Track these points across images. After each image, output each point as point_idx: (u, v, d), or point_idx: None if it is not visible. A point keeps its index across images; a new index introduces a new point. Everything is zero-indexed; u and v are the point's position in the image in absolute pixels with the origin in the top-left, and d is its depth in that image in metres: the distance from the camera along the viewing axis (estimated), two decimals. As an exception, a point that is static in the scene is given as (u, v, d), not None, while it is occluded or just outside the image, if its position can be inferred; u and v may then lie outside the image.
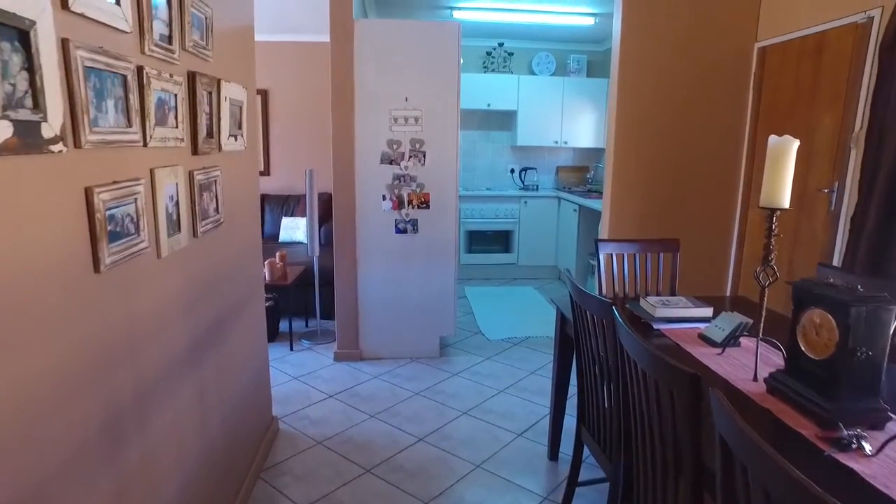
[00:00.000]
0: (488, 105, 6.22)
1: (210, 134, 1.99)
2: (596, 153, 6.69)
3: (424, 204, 3.78)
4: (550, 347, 4.22)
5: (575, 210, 5.61)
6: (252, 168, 2.63)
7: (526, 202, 6.18)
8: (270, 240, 6.20)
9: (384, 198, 3.75)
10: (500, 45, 6.33)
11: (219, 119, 2.07)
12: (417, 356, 4.01)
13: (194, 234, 1.85)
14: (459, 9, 5.12)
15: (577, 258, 5.64)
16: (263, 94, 6.36)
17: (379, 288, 3.88)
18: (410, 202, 3.77)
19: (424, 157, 3.72)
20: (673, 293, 2.84)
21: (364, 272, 3.84)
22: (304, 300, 4.65)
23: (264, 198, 6.33)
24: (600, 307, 1.81)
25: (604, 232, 3.71)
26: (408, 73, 3.62)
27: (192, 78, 1.77)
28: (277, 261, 4.35)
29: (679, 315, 2.22)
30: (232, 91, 2.19)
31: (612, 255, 2.81)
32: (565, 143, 6.36)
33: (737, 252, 3.80)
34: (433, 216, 3.80)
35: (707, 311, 2.23)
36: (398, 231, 3.81)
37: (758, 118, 3.64)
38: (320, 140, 5.54)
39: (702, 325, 2.18)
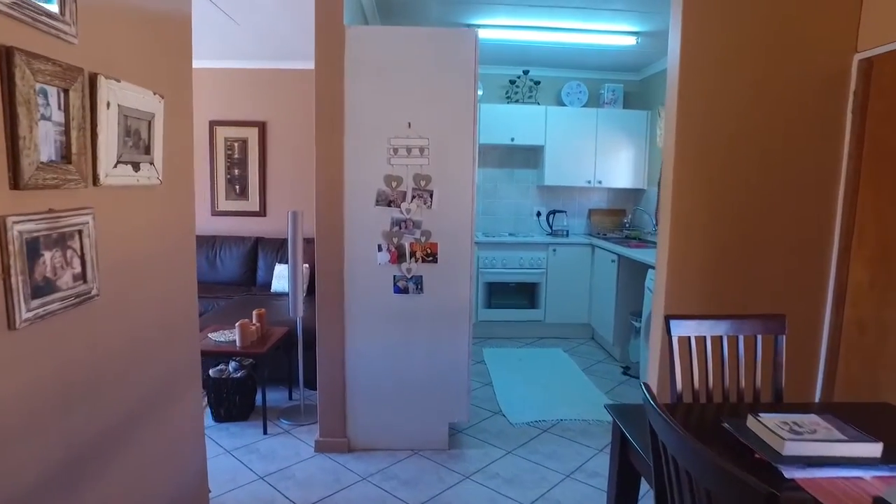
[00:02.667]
0: (512, 139, 5.50)
1: (66, 157, 1.24)
2: (634, 195, 5.88)
3: (431, 257, 3.00)
4: (587, 437, 3.34)
5: (613, 260, 4.77)
6: (178, 211, 1.88)
7: (555, 250, 5.36)
8: (262, 289, 5.48)
9: (380, 248, 2.98)
10: (526, 72, 5.64)
11: (93, 135, 1.32)
12: (421, 447, 3.15)
13: (9, 325, 1.08)
14: (479, 27, 4.44)
15: (616, 316, 4.77)
16: (261, 126, 5.75)
17: (372, 361, 3.07)
18: (413, 254, 2.99)
19: (431, 197, 2.96)
20: (779, 398, 1.97)
21: (354, 341, 3.04)
22: (289, 363, 3.85)
23: (258, 241, 5.62)
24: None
25: (659, 299, 2.86)
26: (412, 92, 2.90)
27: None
28: (254, 321, 3.58)
29: (826, 454, 1.37)
30: (128, 96, 1.45)
31: (689, 338, 1.96)
32: (599, 182, 5.58)
33: (832, 326, 2.89)
34: (442, 272, 3.01)
35: (872, 449, 1.37)
36: (398, 290, 3.01)
37: (861, 147, 2.81)
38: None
39: (866, 474, 1.32)
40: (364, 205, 2.95)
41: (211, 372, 3.48)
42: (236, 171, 5.86)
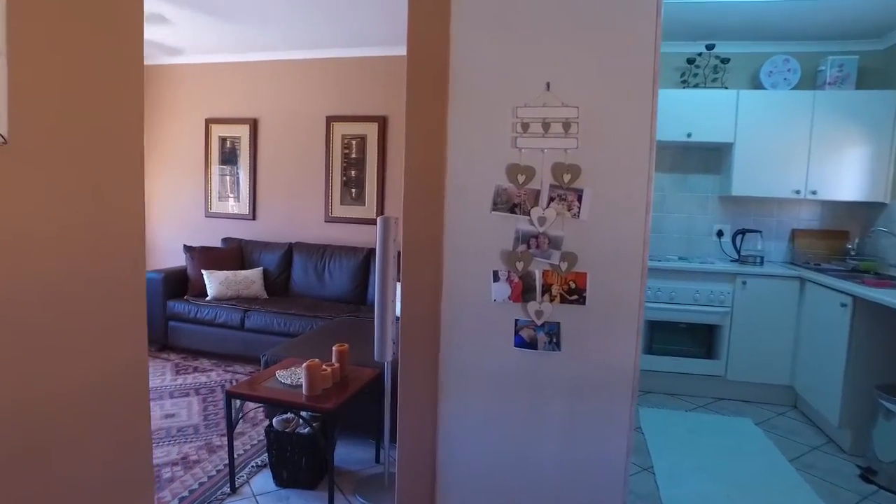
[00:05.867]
0: (688, 136, 4.19)
1: None
2: (866, 211, 4.24)
3: (575, 294, 1.90)
4: None
5: (844, 304, 3.28)
6: (55, 188, 1.01)
7: (744, 282, 3.94)
8: (373, 309, 4.70)
9: (496, 277, 1.95)
10: (709, 48, 4.30)
11: None
12: (545, 584, 2.05)
13: None
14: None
15: (847, 386, 3.26)
16: (382, 121, 5.02)
17: (477, 446, 2.03)
18: (548, 288, 1.92)
19: (579, 200, 1.87)
20: None
21: (451, 414, 2.04)
22: (379, 413, 2.95)
23: (371, 254, 4.87)
24: None
25: None
26: (551, 38, 1.85)
27: None
28: (334, 360, 2.73)
29: None
30: None
31: None
32: (813, 193, 4.05)
33: None
34: (592, 319, 1.90)
35: None
36: (521, 343, 1.96)
37: None
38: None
39: None
40: (474, 209, 1.94)
41: (274, 422, 2.68)
42: (353, 173, 5.20)
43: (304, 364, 2.48)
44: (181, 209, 5.65)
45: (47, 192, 1.22)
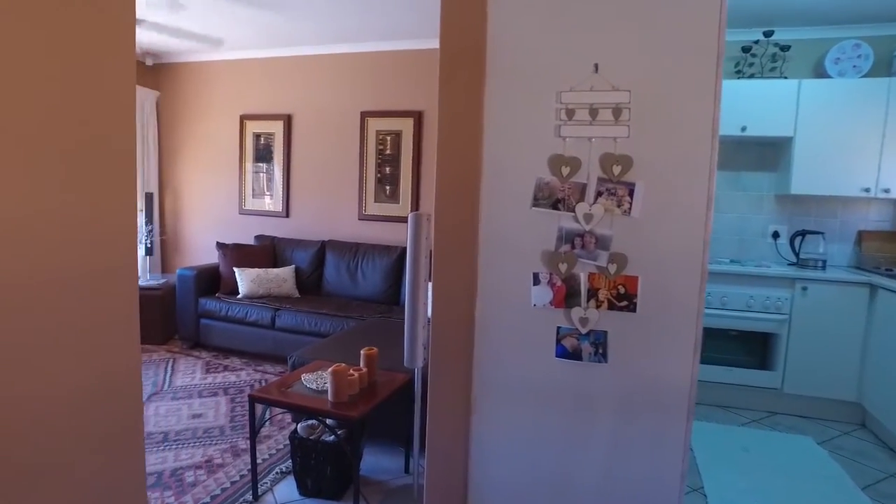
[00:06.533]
0: (742, 129, 3.90)
1: None
2: (941, 211, 3.88)
3: (625, 300, 1.70)
4: None
5: (922, 314, 2.96)
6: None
7: (805, 288, 3.64)
8: (386, 304, 4.55)
9: (537, 279, 1.76)
10: (768, 35, 4.00)
11: None
12: None
13: None
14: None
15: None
16: (417, 116, 4.88)
17: (513, 465, 1.85)
18: (594, 293, 1.73)
19: (631, 196, 1.67)
20: None
21: (484, 430, 1.86)
22: (409, 420, 2.79)
23: (405, 253, 4.74)
24: None
25: None
26: (601, 14, 1.65)
27: None
28: (362, 364, 2.60)
29: None
30: None
31: None
32: (885, 191, 3.71)
33: None
34: (644, 328, 1.70)
35: None
36: (562, 353, 1.77)
37: None
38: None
39: None
40: (513, 205, 1.77)
41: (299, 428, 2.56)
42: (387, 170, 5.07)
43: (330, 369, 2.34)
44: (215, 206, 5.63)
45: (33, 189, 1.11)
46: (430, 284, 2.05)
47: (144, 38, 4.92)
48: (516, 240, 1.77)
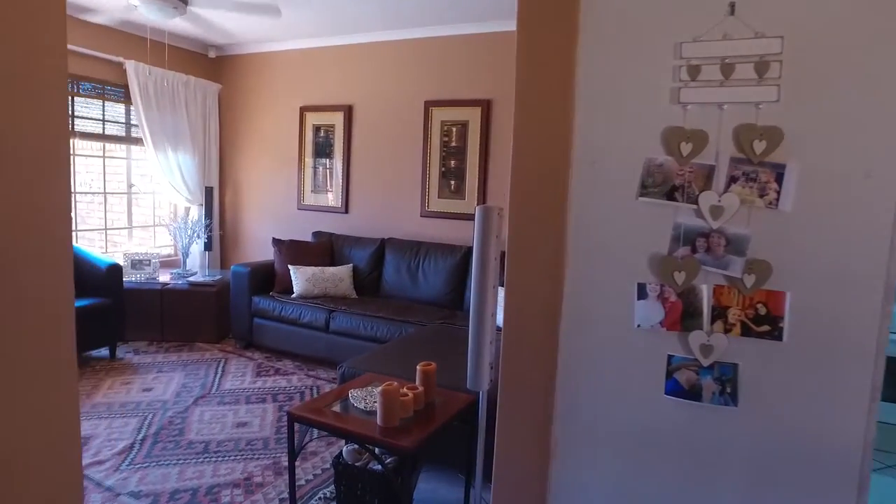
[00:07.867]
0: None
1: None
2: None
3: (767, 323, 1.26)
4: None
5: None
6: None
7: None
8: (449, 309, 4.17)
9: (642, 292, 1.34)
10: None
11: None
12: None
13: None
14: None
15: None
16: (485, 105, 4.50)
17: (605, 529, 1.44)
18: (722, 312, 1.29)
19: (779, 182, 1.23)
20: None
21: (568, 481, 1.46)
22: (470, 444, 2.42)
23: (470, 253, 4.37)
24: None
25: None
26: (749, -69, 1.22)
27: None
28: (418, 382, 2.25)
29: None
30: None
31: None
32: None
33: None
34: (794, 361, 1.25)
35: None
36: (675, 389, 1.34)
37: None
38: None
39: None
40: (613, 194, 1.36)
41: (344, 451, 2.24)
42: (452, 164, 4.72)
43: (380, 388, 2.00)
44: (274, 201, 5.46)
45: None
46: (500, 291, 1.67)
47: (202, 26, 4.79)
48: (616, 240, 1.36)
